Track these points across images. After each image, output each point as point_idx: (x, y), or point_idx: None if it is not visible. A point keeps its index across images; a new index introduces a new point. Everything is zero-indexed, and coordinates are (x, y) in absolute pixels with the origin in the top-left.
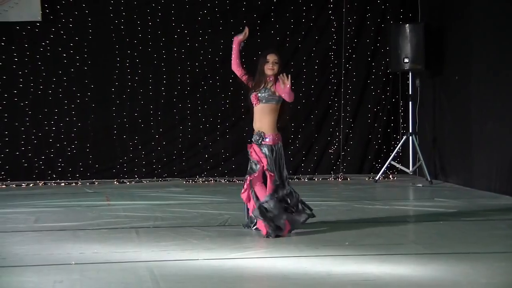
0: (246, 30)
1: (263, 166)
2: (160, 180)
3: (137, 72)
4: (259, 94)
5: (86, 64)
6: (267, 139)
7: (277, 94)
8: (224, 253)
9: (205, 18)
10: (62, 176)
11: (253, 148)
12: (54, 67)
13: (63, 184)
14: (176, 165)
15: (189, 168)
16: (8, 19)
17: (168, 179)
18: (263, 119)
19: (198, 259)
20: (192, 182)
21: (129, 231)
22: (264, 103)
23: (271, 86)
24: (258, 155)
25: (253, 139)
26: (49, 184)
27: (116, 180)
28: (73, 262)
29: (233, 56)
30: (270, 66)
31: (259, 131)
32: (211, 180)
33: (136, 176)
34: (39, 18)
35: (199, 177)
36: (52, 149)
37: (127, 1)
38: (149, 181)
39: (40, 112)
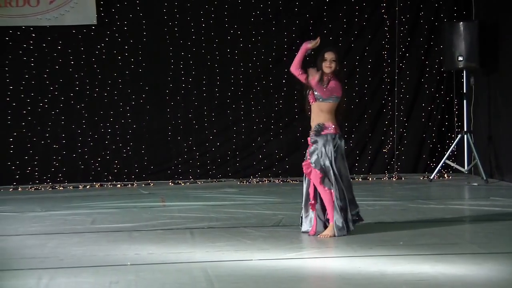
0: (318, 39)
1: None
2: (215, 181)
3: (191, 73)
4: (316, 93)
5: (140, 66)
6: (329, 128)
7: (334, 93)
8: (278, 254)
9: (258, 19)
10: (118, 177)
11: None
12: (109, 69)
13: (119, 185)
14: (230, 166)
15: (243, 168)
16: (64, 22)
17: (223, 180)
18: (320, 117)
19: (252, 260)
20: (246, 182)
21: (184, 232)
22: (321, 101)
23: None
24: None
25: (310, 136)
26: (105, 185)
27: (171, 181)
28: (128, 263)
29: (296, 59)
30: (327, 64)
31: (318, 124)
32: (265, 181)
33: (190, 177)
34: (94, 22)
35: (253, 177)
36: (108, 151)
37: (181, 3)
38: (203, 182)
39: (96, 114)
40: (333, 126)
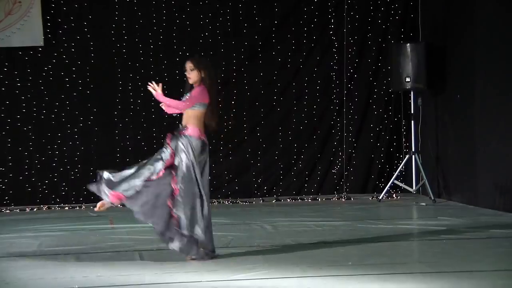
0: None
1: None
2: None
3: (139, 95)
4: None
5: (88, 88)
6: (188, 129)
7: (197, 100)
8: (227, 275)
9: (207, 40)
10: (66, 200)
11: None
12: (56, 91)
13: (67, 208)
14: None
15: None
16: (11, 44)
17: None
18: (187, 123)
19: (201, 281)
20: None
21: (133, 254)
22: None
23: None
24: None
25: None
26: (53, 208)
27: (120, 204)
28: (76, 286)
29: (174, 106)
30: (187, 74)
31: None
32: (214, 202)
33: None
34: (41, 43)
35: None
36: (56, 173)
37: (129, 25)
38: None
39: (43, 136)
40: (191, 128)
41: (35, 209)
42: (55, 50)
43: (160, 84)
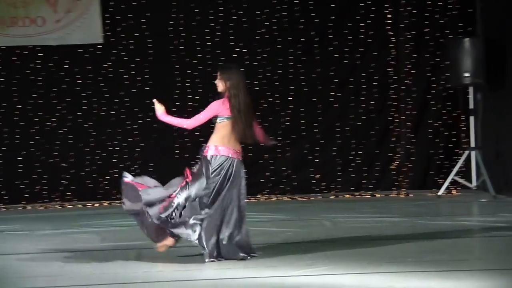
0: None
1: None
2: None
3: (197, 91)
4: None
5: (147, 84)
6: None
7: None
8: (286, 271)
9: (264, 36)
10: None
11: None
12: (116, 88)
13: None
14: None
15: (251, 186)
16: (70, 42)
17: None
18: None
19: (260, 277)
20: (253, 199)
21: (193, 250)
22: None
23: None
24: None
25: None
26: (114, 204)
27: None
28: (138, 281)
29: (177, 124)
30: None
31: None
32: (273, 198)
33: None
34: (100, 41)
35: (261, 194)
36: (116, 169)
37: (186, 22)
38: None
39: (103, 133)
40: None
41: (96, 205)
42: (114, 47)
43: (163, 107)
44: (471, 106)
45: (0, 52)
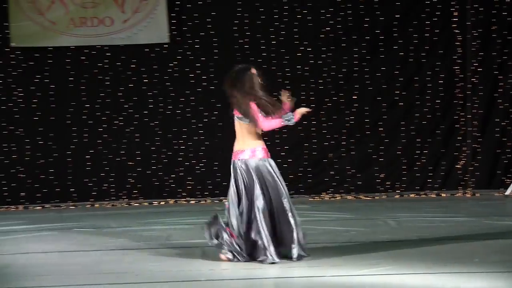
0: None
1: None
2: None
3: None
4: None
5: (212, 83)
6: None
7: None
8: (352, 270)
9: (329, 35)
10: (191, 194)
11: None
12: (182, 87)
13: (192, 202)
14: (302, 182)
15: (315, 185)
16: (138, 41)
17: (294, 196)
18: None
19: (325, 276)
20: (318, 199)
21: None
22: None
23: None
24: None
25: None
26: (179, 202)
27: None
28: (203, 279)
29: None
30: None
31: None
32: (337, 197)
33: None
34: (167, 40)
35: (325, 193)
36: (182, 168)
37: (251, 21)
38: None
39: (169, 131)
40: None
41: (162, 203)
42: (180, 47)
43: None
44: None
45: (68, 52)
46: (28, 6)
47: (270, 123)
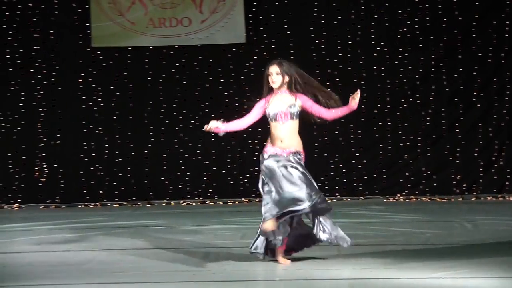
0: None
1: None
2: (361, 198)
3: (336, 90)
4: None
5: None
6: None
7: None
8: (427, 273)
9: (405, 35)
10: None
11: None
12: (257, 87)
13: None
14: (376, 183)
15: (390, 186)
16: (215, 41)
17: (369, 197)
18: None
19: (400, 278)
20: (392, 200)
21: (331, 249)
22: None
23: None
24: None
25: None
26: (253, 201)
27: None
28: (277, 278)
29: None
30: (272, 79)
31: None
32: (412, 198)
33: (337, 194)
34: (243, 40)
35: (400, 195)
36: (256, 167)
37: (327, 21)
38: (349, 199)
39: (245, 131)
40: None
41: (237, 202)
42: (256, 47)
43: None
44: None
45: (147, 52)
46: (109, 7)
47: None
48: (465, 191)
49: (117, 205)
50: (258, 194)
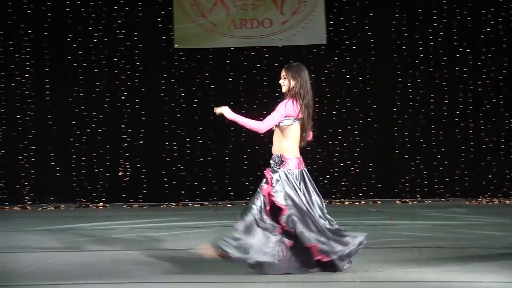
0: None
1: None
2: (442, 200)
3: (418, 92)
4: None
5: (368, 85)
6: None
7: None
8: (509, 277)
9: (489, 35)
10: (346, 194)
11: None
12: (337, 88)
13: (346, 202)
14: (458, 185)
15: (472, 188)
16: (296, 42)
17: (450, 199)
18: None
19: (483, 281)
20: (474, 202)
21: (412, 251)
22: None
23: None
24: None
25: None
26: (333, 202)
27: (398, 199)
28: (357, 280)
29: (247, 126)
30: (280, 82)
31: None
32: (495, 201)
33: (418, 195)
34: (324, 41)
35: (482, 197)
36: (336, 168)
37: (409, 22)
38: (431, 201)
39: (324, 132)
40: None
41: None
42: (337, 48)
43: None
44: None
45: (228, 53)
46: (192, 9)
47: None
48: None
49: (198, 205)
50: (339, 195)
